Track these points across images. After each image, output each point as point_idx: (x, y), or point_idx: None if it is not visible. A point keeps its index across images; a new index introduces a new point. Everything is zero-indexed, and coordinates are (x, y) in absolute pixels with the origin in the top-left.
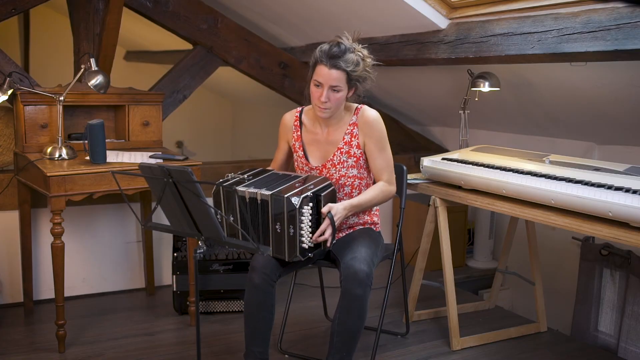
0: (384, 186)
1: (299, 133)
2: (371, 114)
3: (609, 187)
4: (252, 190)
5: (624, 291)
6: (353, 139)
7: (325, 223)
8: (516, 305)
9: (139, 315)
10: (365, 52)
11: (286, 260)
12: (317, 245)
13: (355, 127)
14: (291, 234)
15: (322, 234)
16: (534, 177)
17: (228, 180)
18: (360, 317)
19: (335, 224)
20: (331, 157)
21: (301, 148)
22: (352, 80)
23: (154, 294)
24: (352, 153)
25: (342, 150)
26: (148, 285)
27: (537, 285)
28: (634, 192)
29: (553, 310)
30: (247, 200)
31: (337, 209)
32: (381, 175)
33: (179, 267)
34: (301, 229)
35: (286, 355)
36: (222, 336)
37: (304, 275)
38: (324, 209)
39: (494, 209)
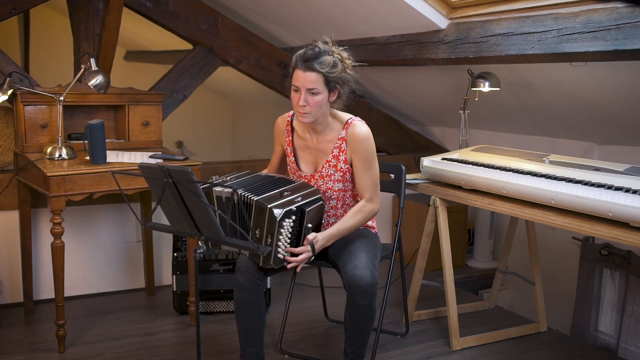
0: (365, 206)
1: (290, 138)
2: (360, 130)
3: (609, 187)
4: (227, 190)
5: (624, 291)
6: (341, 153)
7: (303, 249)
8: (516, 305)
9: (139, 315)
10: (344, 54)
11: (260, 264)
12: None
13: (344, 142)
14: (268, 242)
15: (294, 261)
16: (534, 177)
17: (210, 182)
18: (369, 321)
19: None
20: (320, 169)
21: (292, 153)
22: (330, 83)
23: (154, 294)
24: (339, 167)
25: (330, 163)
26: (148, 285)
27: (537, 285)
28: (634, 192)
29: (553, 310)
30: (223, 200)
31: (317, 238)
32: (364, 192)
33: (179, 267)
34: (279, 239)
35: (286, 355)
36: (222, 336)
37: (304, 275)
38: (310, 237)
39: (494, 209)
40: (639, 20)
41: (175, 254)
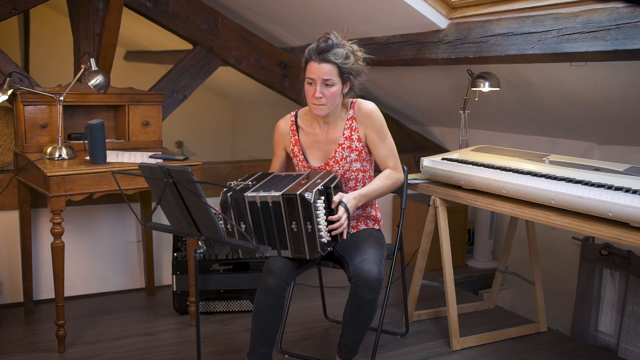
0: (391, 173)
1: (296, 137)
2: (368, 105)
3: (609, 187)
4: (262, 194)
5: (624, 291)
6: (353, 132)
7: (340, 211)
8: (516, 305)
9: (139, 315)
10: (355, 46)
11: (307, 258)
12: (334, 238)
13: (354, 121)
14: (309, 230)
15: (338, 224)
16: (534, 177)
17: (233, 188)
18: (369, 317)
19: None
20: (333, 155)
21: (300, 152)
22: (344, 74)
23: (154, 294)
24: (354, 147)
25: (343, 146)
26: (148, 285)
27: (537, 285)
28: (634, 192)
29: (553, 310)
30: (259, 205)
31: (348, 198)
32: (386, 162)
33: (179, 267)
34: (318, 223)
35: (286, 355)
36: (222, 336)
37: (304, 275)
38: (336, 198)
39: (494, 209)
40: (639, 20)
41: (175, 254)
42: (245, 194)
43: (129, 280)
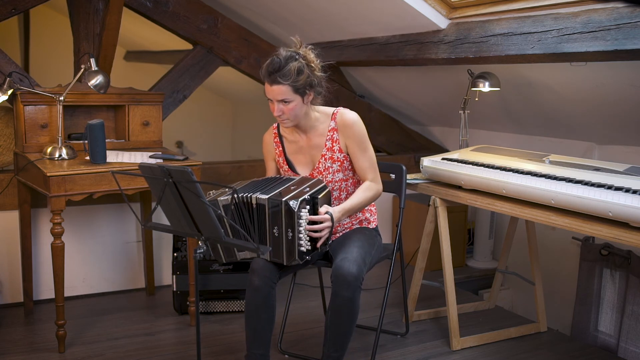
0: (371, 185)
1: (280, 148)
2: (349, 116)
3: (609, 187)
4: (246, 194)
5: (624, 291)
6: (334, 143)
7: (324, 218)
8: (516, 305)
9: (139, 315)
10: (311, 55)
11: (284, 264)
12: (314, 248)
13: (335, 132)
14: (289, 237)
15: (318, 227)
16: (534, 177)
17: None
18: (350, 317)
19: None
20: (317, 165)
21: (285, 162)
22: (299, 89)
23: (154, 294)
24: (336, 158)
25: (325, 156)
26: (148, 285)
27: (537, 285)
28: (634, 192)
29: (553, 310)
30: (241, 205)
31: (334, 211)
32: (366, 175)
33: (179, 267)
34: (299, 232)
35: (286, 355)
36: (222, 336)
37: (304, 275)
38: (322, 209)
39: (494, 209)
40: (639, 20)
41: (175, 254)
42: (225, 197)
43: (129, 280)
